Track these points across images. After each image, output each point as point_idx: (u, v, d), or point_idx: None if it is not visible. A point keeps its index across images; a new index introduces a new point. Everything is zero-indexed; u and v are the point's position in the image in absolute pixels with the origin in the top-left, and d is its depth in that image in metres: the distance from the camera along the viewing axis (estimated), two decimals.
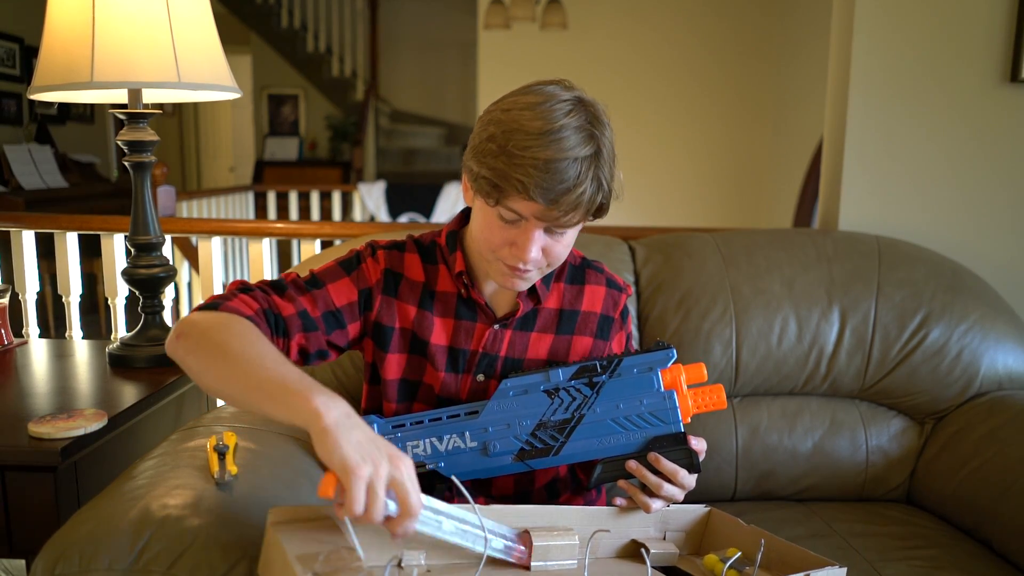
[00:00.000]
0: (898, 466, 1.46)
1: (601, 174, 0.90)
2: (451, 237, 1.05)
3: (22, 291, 2.21)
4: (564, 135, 0.86)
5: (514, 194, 0.88)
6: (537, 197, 0.86)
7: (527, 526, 0.86)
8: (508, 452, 0.94)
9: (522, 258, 0.92)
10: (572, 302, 1.06)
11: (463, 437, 0.94)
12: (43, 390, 1.36)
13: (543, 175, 0.85)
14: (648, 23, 5.23)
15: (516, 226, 0.91)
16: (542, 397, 0.94)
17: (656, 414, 0.94)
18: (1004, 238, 1.74)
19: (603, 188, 0.91)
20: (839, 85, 1.79)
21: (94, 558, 0.77)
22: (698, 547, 1.01)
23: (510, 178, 0.87)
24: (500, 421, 0.94)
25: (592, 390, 0.94)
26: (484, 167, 0.89)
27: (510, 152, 0.87)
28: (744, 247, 1.53)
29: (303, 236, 2.15)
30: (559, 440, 0.94)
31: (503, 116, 0.89)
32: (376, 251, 1.05)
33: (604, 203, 0.93)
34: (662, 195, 5.35)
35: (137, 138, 1.43)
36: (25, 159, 4.52)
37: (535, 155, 0.85)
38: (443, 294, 1.04)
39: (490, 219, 0.93)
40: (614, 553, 0.95)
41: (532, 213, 0.89)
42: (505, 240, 0.93)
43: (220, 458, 0.96)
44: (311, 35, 6.99)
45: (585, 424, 0.94)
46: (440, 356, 1.03)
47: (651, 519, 0.97)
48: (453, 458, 0.94)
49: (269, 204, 5.63)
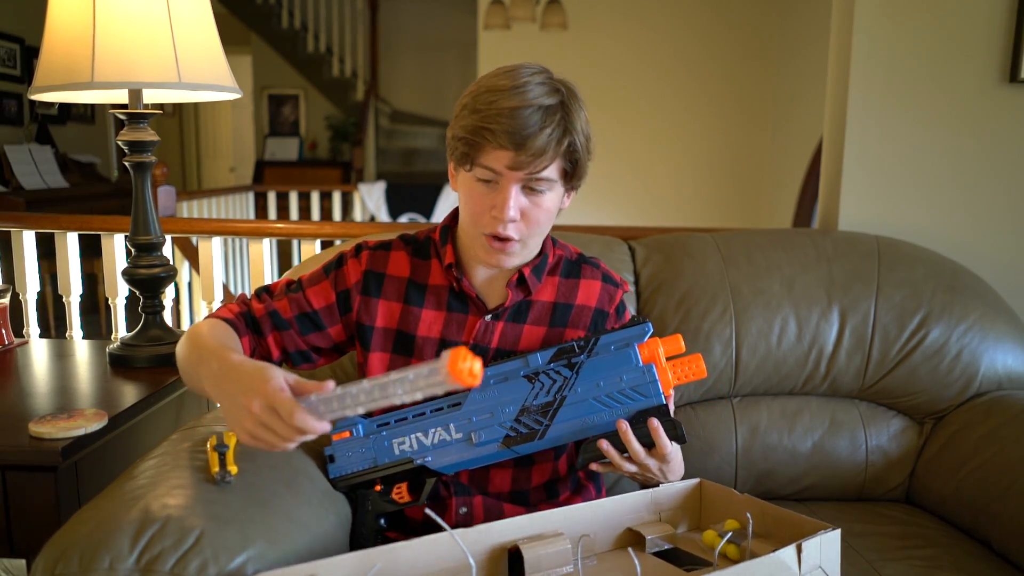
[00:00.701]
0: (898, 466, 1.46)
1: (568, 121, 0.94)
2: (444, 231, 1.08)
3: (22, 291, 2.21)
4: (528, 88, 0.92)
5: (486, 147, 0.93)
6: (505, 143, 0.91)
7: (515, 539, 0.86)
8: (494, 440, 0.95)
9: (501, 217, 0.94)
10: (566, 296, 1.07)
11: (448, 429, 0.95)
12: (43, 390, 1.36)
13: (509, 121, 0.90)
14: (648, 23, 5.23)
15: (494, 188, 0.95)
16: (522, 383, 0.95)
17: (637, 389, 0.94)
18: (1004, 238, 1.74)
19: (572, 134, 0.94)
20: (839, 85, 1.79)
21: (94, 558, 0.77)
22: (698, 522, 1.01)
23: (479, 131, 0.92)
24: (483, 410, 0.95)
25: (572, 371, 0.94)
26: (457, 129, 0.96)
27: (479, 109, 0.93)
28: (744, 247, 1.53)
29: (303, 236, 2.15)
30: (543, 423, 0.94)
31: (475, 87, 0.97)
32: (360, 252, 1.08)
33: (575, 151, 0.96)
34: (662, 195, 5.35)
35: (137, 138, 1.43)
36: (26, 159, 4.52)
37: (500, 105, 0.91)
38: (435, 287, 1.06)
39: (470, 187, 0.97)
40: (611, 545, 0.95)
41: (505, 164, 0.92)
42: (486, 206, 0.96)
43: (220, 457, 0.96)
44: (311, 35, 6.99)
45: (567, 405, 0.94)
46: (429, 348, 1.04)
47: (643, 503, 0.97)
48: (440, 450, 0.95)
49: (269, 204, 5.63)
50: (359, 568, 0.79)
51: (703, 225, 2.20)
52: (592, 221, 5.03)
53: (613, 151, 5.26)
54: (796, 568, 0.81)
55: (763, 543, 0.92)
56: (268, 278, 2.18)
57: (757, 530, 0.94)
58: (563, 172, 0.97)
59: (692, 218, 5.27)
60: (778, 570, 0.80)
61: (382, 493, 1.00)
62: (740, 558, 0.88)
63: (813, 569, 0.82)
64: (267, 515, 0.88)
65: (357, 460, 1.00)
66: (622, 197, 5.34)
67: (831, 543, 0.84)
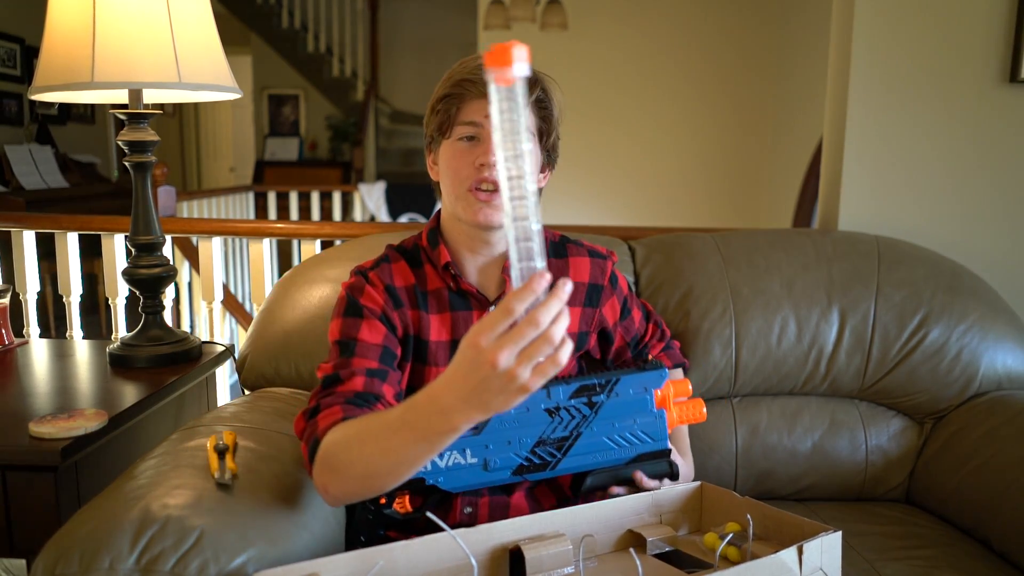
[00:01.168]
0: (897, 466, 1.46)
1: (537, 77, 1.00)
2: (432, 234, 1.08)
3: (23, 291, 2.21)
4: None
5: (465, 98, 0.99)
6: (484, 90, 0.95)
7: (516, 539, 0.86)
8: (507, 467, 0.96)
9: (487, 160, 0.97)
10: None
11: (464, 454, 0.95)
12: (44, 390, 1.36)
13: (478, 71, 0.97)
14: (648, 23, 5.23)
15: (476, 144, 0.99)
16: (543, 415, 0.96)
17: (647, 432, 0.99)
18: (1004, 238, 1.74)
19: (542, 86, 1.01)
20: (839, 85, 1.79)
21: (95, 558, 0.77)
22: (699, 524, 1.02)
23: (457, 84, 0.99)
24: (501, 439, 0.95)
25: (591, 410, 0.97)
26: (436, 96, 1.01)
27: (452, 73, 1.01)
28: (744, 247, 1.53)
29: (303, 236, 2.15)
30: (556, 457, 0.97)
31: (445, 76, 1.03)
32: (368, 276, 1.06)
33: (546, 107, 1.02)
34: (662, 195, 5.35)
35: (137, 138, 1.43)
36: (26, 159, 4.52)
37: (471, 64, 1.00)
38: (435, 291, 1.06)
39: (452, 152, 1.01)
40: (612, 547, 0.95)
41: (484, 113, 0.96)
42: (470, 162, 0.99)
43: (220, 457, 0.96)
44: (311, 35, 6.99)
45: (582, 441, 0.97)
46: (443, 352, 1.04)
47: (644, 505, 0.98)
48: (452, 473, 0.96)
49: (269, 204, 5.63)
50: (360, 567, 0.79)
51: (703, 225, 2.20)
52: (592, 221, 5.03)
53: (613, 150, 5.26)
54: (797, 570, 0.81)
55: (764, 545, 0.92)
56: (268, 278, 2.18)
57: (758, 532, 0.94)
58: (539, 131, 1.02)
59: (692, 218, 5.27)
60: (779, 572, 0.80)
61: (385, 505, 1.00)
62: (741, 560, 0.88)
63: (814, 571, 0.83)
64: (267, 515, 0.88)
65: None
66: (622, 197, 5.33)
67: (832, 545, 0.84)
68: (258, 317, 1.47)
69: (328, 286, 1.43)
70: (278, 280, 1.52)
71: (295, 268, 1.52)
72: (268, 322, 1.44)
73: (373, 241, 1.52)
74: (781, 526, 0.93)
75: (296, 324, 1.41)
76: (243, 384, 1.44)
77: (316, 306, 1.41)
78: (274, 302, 1.46)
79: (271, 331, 1.42)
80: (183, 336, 1.56)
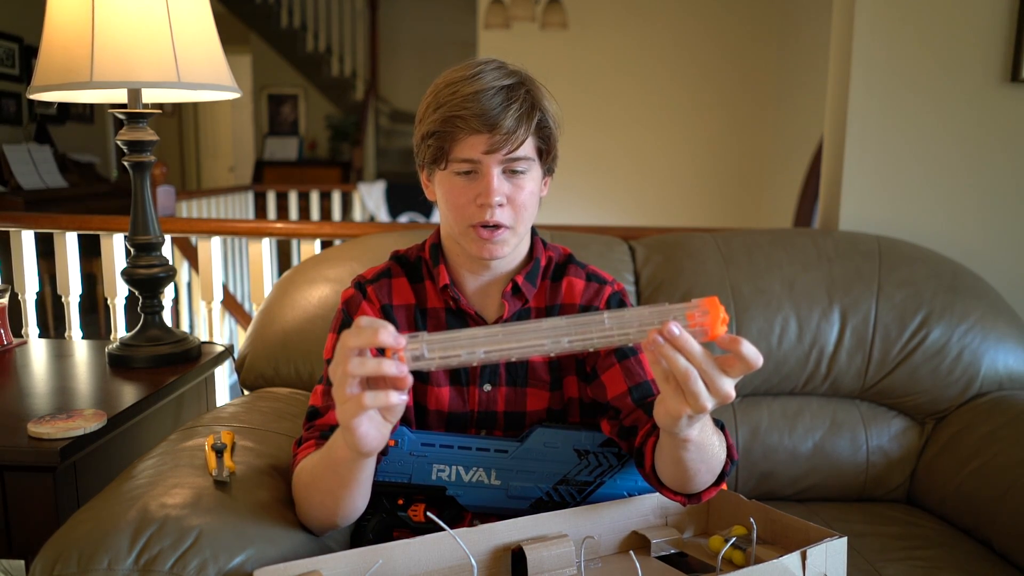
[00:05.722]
0: (898, 466, 1.46)
1: (533, 97, 0.95)
2: (434, 250, 1.06)
3: (22, 291, 2.21)
4: (485, 73, 0.93)
5: (458, 135, 0.93)
6: (478, 126, 0.91)
7: (518, 540, 0.86)
8: (527, 498, 0.96)
9: (488, 202, 0.93)
10: (551, 297, 1.06)
11: (489, 474, 0.96)
12: (43, 390, 1.36)
13: (475, 104, 0.91)
14: (648, 22, 5.23)
15: (474, 179, 0.95)
16: (572, 454, 0.97)
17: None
18: (1005, 238, 1.74)
19: (539, 109, 0.95)
20: (840, 84, 1.79)
21: (93, 558, 0.77)
22: (705, 527, 1.01)
23: (449, 121, 0.92)
24: (527, 468, 0.96)
25: (619, 461, 0.97)
26: (425, 127, 0.96)
27: (442, 102, 0.93)
28: (744, 247, 1.53)
29: (303, 236, 2.15)
30: (576, 499, 0.97)
31: (433, 88, 0.97)
32: (366, 290, 1.05)
33: (546, 126, 0.96)
34: (662, 195, 5.35)
35: (137, 138, 1.43)
36: (24, 159, 4.51)
37: (463, 92, 0.92)
38: (433, 311, 1.04)
39: (449, 185, 0.97)
40: (617, 549, 0.95)
41: (481, 150, 0.92)
42: (469, 197, 0.95)
43: (218, 456, 0.96)
44: (311, 35, 6.99)
45: (603, 490, 0.97)
46: (441, 372, 1.02)
47: (649, 506, 0.97)
48: (473, 490, 0.96)
49: (269, 204, 5.62)
50: (361, 565, 0.78)
51: (703, 225, 2.19)
52: (592, 221, 5.02)
53: (613, 151, 5.25)
54: (800, 575, 0.81)
55: (769, 550, 0.91)
56: (267, 278, 2.17)
57: (764, 537, 0.93)
58: (538, 151, 0.97)
59: (692, 218, 5.26)
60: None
61: (402, 507, 0.99)
62: (745, 564, 0.88)
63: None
64: (266, 514, 0.88)
65: (392, 471, 0.98)
66: (622, 196, 5.33)
67: (837, 551, 0.84)
68: (257, 317, 1.47)
69: (327, 286, 1.43)
70: (277, 280, 1.52)
71: (294, 268, 1.51)
72: (267, 322, 1.44)
73: (373, 241, 1.52)
74: (787, 531, 0.92)
75: (295, 324, 1.41)
76: (242, 384, 1.43)
77: (315, 306, 1.41)
78: (273, 302, 1.46)
79: (270, 331, 1.42)
80: (182, 336, 1.55)
